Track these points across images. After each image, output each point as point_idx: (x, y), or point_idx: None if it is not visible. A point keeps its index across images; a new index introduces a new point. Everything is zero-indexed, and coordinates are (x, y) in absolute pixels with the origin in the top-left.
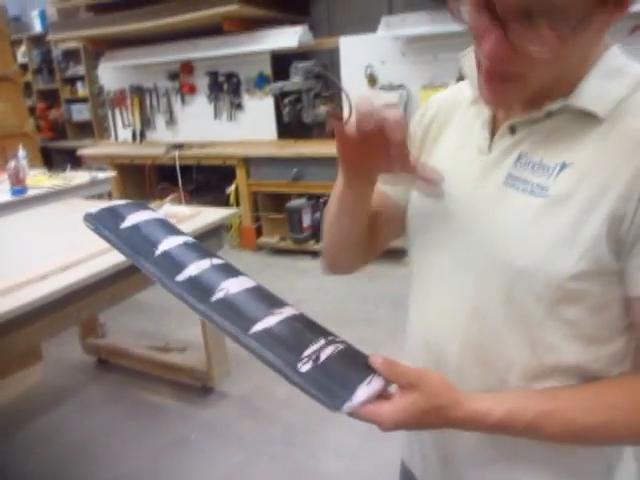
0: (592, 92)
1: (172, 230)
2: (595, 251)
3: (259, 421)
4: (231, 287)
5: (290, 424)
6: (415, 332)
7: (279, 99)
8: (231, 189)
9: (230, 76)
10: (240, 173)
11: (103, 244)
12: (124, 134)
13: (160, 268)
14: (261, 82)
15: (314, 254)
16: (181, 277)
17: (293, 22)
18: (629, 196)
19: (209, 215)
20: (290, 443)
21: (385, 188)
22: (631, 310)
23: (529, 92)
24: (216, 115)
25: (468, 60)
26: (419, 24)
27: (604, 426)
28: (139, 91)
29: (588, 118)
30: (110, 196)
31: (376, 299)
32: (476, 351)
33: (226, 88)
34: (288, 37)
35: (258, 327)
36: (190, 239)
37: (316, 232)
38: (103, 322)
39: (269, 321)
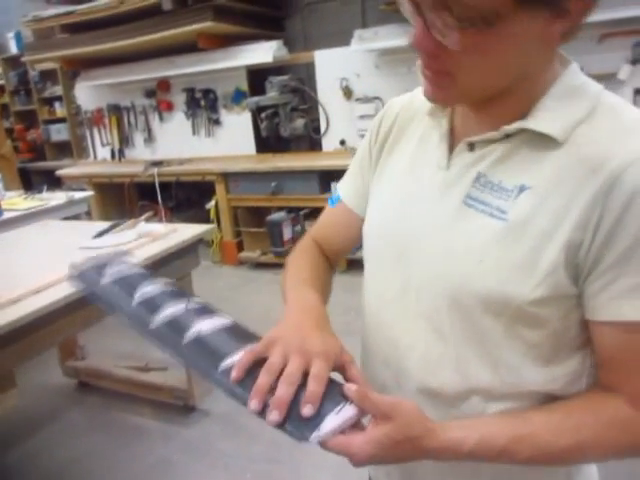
0: (549, 114)
1: (148, 279)
2: (553, 277)
3: (242, 439)
4: (204, 327)
5: (273, 441)
6: (373, 347)
7: (256, 114)
8: (211, 204)
9: (207, 92)
10: (219, 188)
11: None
12: (103, 153)
13: (135, 318)
14: (238, 97)
15: None
16: (154, 324)
17: (268, 37)
18: (585, 224)
19: (185, 232)
20: (274, 460)
21: (351, 205)
22: (591, 333)
23: (463, 94)
24: (194, 131)
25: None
26: (391, 37)
27: (575, 447)
28: (117, 110)
29: (546, 140)
30: (89, 215)
31: (357, 310)
32: (436, 371)
33: (203, 104)
34: (263, 52)
35: (227, 363)
36: (168, 286)
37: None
38: (82, 344)
39: (239, 356)
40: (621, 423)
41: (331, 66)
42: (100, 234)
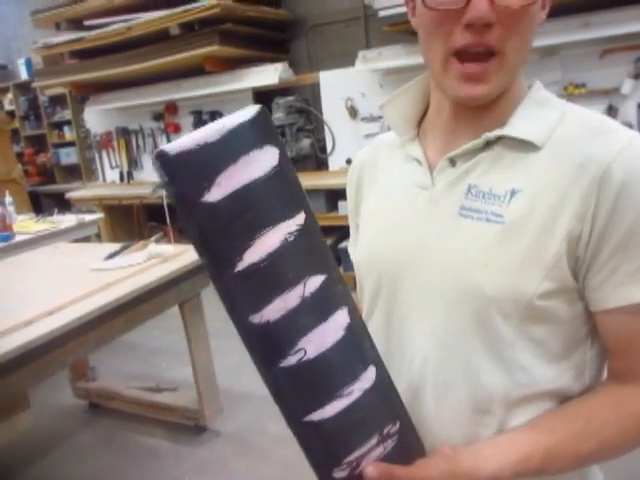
0: (525, 122)
1: (291, 203)
2: (558, 269)
3: (254, 458)
4: (309, 347)
5: (285, 461)
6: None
7: None
8: None
9: (214, 114)
10: None
11: (89, 286)
12: (112, 175)
13: (235, 298)
14: None
15: None
16: (258, 318)
17: (274, 60)
18: (583, 216)
19: (194, 253)
20: None
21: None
22: (600, 325)
23: (503, 80)
24: None
25: (390, 109)
26: (395, 57)
27: (605, 445)
28: (125, 133)
29: (526, 146)
30: (99, 237)
31: None
32: (454, 387)
33: None
34: (269, 75)
35: (314, 417)
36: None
37: None
38: (93, 365)
39: (329, 410)
40: None
41: (336, 86)
42: (111, 256)
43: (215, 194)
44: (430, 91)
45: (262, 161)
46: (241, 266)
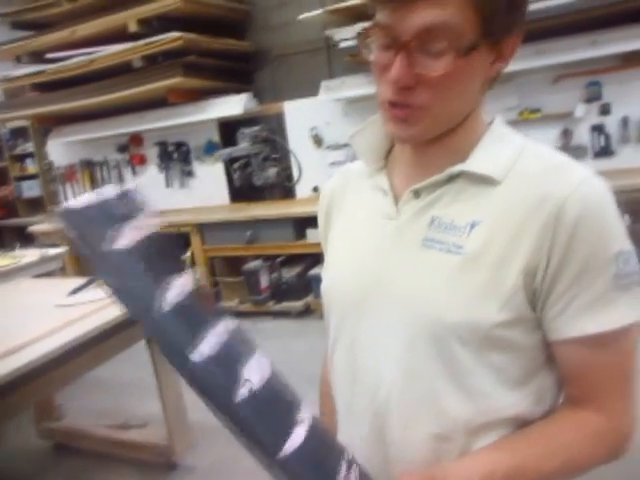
0: (485, 157)
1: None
2: (514, 301)
3: None
4: (253, 376)
5: None
6: (350, 402)
7: (229, 164)
8: (187, 256)
9: (179, 145)
10: (195, 239)
11: (52, 323)
12: None
13: (167, 337)
14: (210, 149)
15: (275, 314)
16: (198, 355)
17: (238, 90)
18: (540, 250)
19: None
20: None
21: None
22: (556, 353)
23: (433, 125)
24: (168, 184)
25: (359, 139)
26: (357, 86)
27: (568, 465)
28: (89, 165)
29: (486, 180)
30: (63, 272)
31: None
32: (417, 414)
33: (176, 157)
34: (233, 105)
35: (288, 448)
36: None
37: (275, 293)
38: (59, 403)
39: (298, 436)
40: (599, 435)
41: (301, 116)
42: (76, 290)
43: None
44: None
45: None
46: (167, 307)
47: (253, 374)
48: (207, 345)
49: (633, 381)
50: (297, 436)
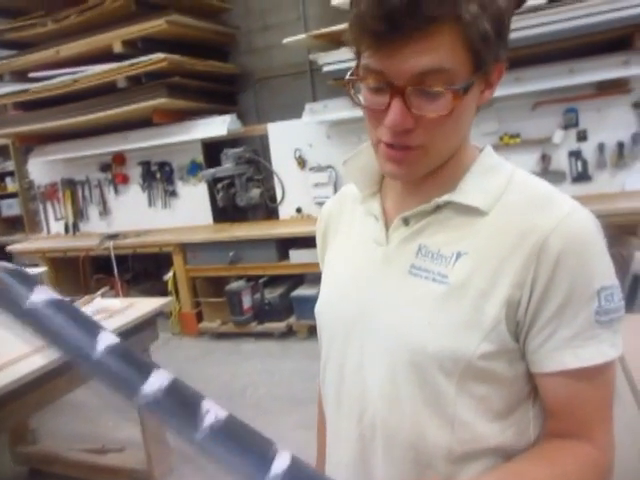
0: (473, 188)
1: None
2: (497, 332)
3: None
4: (213, 409)
5: None
6: (336, 425)
7: (212, 185)
8: (169, 276)
9: (163, 165)
10: (177, 259)
11: (29, 345)
12: (56, 227)
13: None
14: (194, 169)
15: (257, 335)
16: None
17: (222, 111)
18: (522, 283)
19: (142, 306)
20: None
21: None
22: (539, 386)
23: (429, 164)
24: (150, 203)
25: (351, 165)
26: (341, 109)
27: None
28: (71, 184)
29: (473, 211)
30: None
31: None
32: (400, 441)
33: (159, 176)
34: (217, 126)
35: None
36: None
37: (257, 313)
38: (34, 428)
39: (281, 462)
40: (594, 464)
41: (284, 137)
42: None
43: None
44: None
45: None
46: (104, 350)
47: (212, 407)
48: (157, 379)
49: (612, 407)
50: (278, 463)
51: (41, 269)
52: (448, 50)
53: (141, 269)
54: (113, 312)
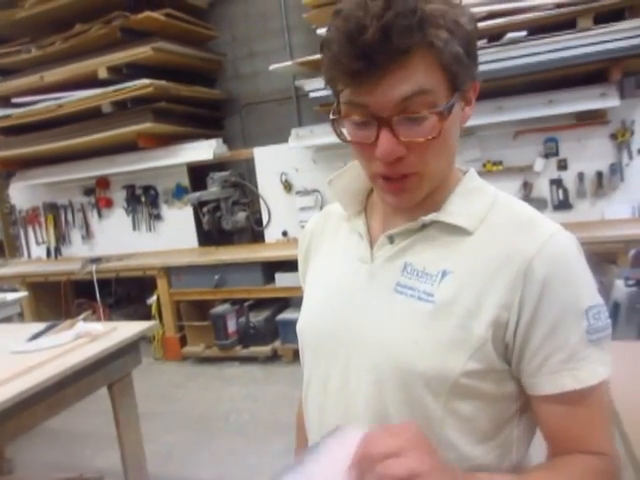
0: (458, 208)
1: None
2: (483, 352)
3: None
4: None
5: None
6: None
7: (198, 208)
8: (152, 300)
9: (148, 189)
10: (161, 283)
11: (8, 371)
12: (38, 252)
13: None
14: (179, 193)
15: (241, 360)
16: None
17: (208, 136)
18: (509, 305)
19: (125, 330)
20: None
21: None
22: (537, 410)
23: (427, 187)
24: (135, 227)
25: (337, 184)
26: (326, 135)
27: None
28: (53, 208)
29: (458, 230)
30: (22, 317)
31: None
32: None
33: (144, 200)
34: (203, 150)
35: None
36: None
37: (242, 337)
38: (9, 457)
39: None
40: (605, 472)
41: (270, 162)
42: (35, 336)
43: None
44: None
45: None
46: None
47: None
48: None
49: (611, 422)
50: None
51: (20, 294)
52: (425, 74)
53: (124, 293)
54: (95, 336)
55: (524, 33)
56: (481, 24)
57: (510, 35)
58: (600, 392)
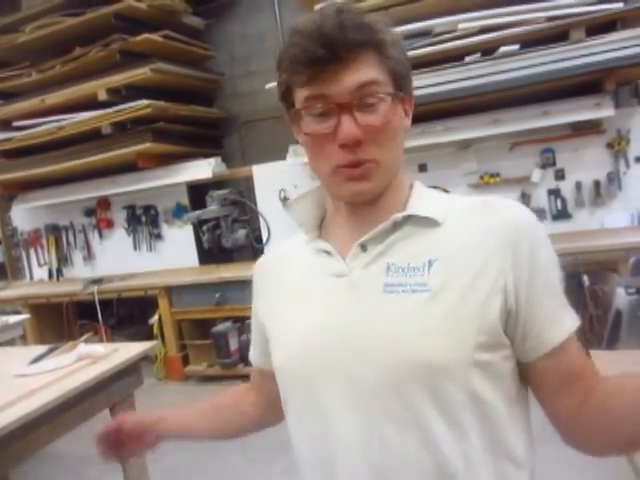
0: (423, 205)
1: None
2: (488, 322)
3: None
4: None
5: None
6: (332, 465)
7: (198, 227)
8: (154, 319)
9: (148, 208)
10: (162, 302)
11: (10, 394)
12: (40, 273)
13: None
14: (179, 212)
15: (244, 378)
16: None
17: (207, 155)
18: (504, 270)
19: (127, 351)
20: None
21: (260, 364)
22: (541, 370)
23: (382, 178)
24: (136, 247)
25: (295, 209)
26: None
27: None
28: (55, 229)
29: (430, 223)
30: (24, 340)
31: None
32: (419, 464)
33: (144, 220)
34: (202, 169)
35: None
36: None
37: (244, 355)
38: None
39: None
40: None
41: (269, 179)
42: (37, 359)
43: None
44: (325, 198)
45: None
46: None
47: None
48: None
49: None
50: None
51: (22, 317)
52: (376, 68)
53: (126, 314)
54: (97, 358)
55: (517, 46)
56: (474, 39)
57: (503, 49)
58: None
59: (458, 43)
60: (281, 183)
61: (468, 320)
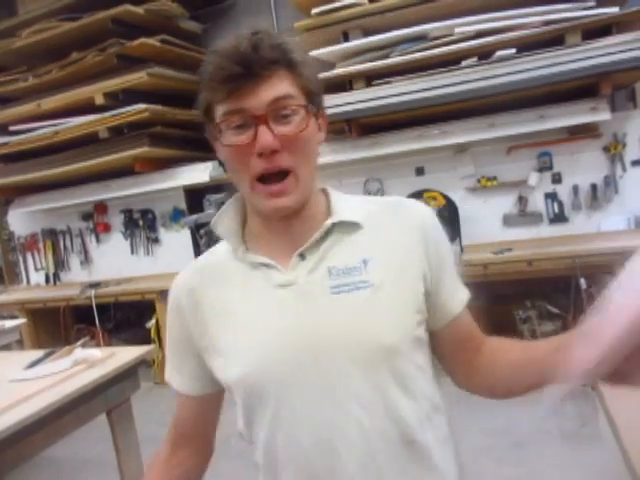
0: (345, 210)
1: None
2: (420, 303)
3: None
4: None
5: None
6: (331, 465)
7: (195, 231)
8: (151, 323)
9: (145, 212)
10: (160, 306)
11: (6, 399)
12: (37, 278)
13: None
14: (176, 216)
15: None
16: None
17: (204, 159)
18: (422, 259)
19: (123, 356)
20: None
21: (190, 391)
22: (449, 331)
23: (302, 191)
24: (133, 251)
25: (219, 225)
26: (321, 155)
27: None
28: (52, 234)
29: (354, 227)
30: (21, 344)
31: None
32: (391, 436)
33: (142, 224)
34: (199, 173)
35: None
36: None
37: None
38: None
39: None
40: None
41: None
42: (33, 364)
43: None
44: (246, 207)
45: None
46: None
47: None
48: None
49: None
50: None
51: (19, 321)
52: (289, 84)
53: (123, 318)
54: (93, 362)
55: (513, 51)
56: (471, 43)
57: (499, 53)
58: None
59: (454, 47)
60: None
61: (407, 305)
